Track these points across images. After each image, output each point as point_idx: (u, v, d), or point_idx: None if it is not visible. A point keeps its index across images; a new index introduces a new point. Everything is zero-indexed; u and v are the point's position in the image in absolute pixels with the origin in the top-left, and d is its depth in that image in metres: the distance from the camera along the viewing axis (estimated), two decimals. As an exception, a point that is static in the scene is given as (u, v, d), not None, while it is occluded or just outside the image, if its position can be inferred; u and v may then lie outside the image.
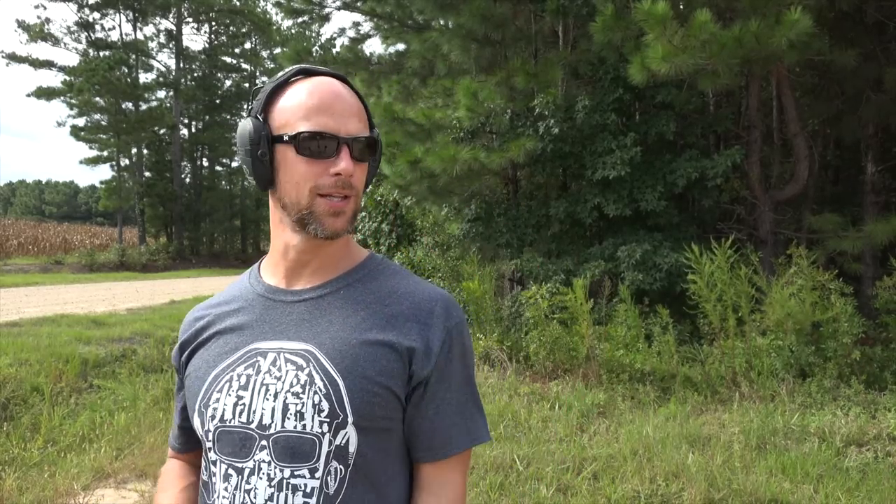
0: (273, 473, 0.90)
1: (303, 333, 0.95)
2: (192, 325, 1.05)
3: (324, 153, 0.91)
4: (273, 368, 0.93)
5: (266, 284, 1.02)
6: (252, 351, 0.96)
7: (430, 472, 0.99)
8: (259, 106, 0.95)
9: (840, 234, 6.79)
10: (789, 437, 4.34)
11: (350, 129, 0.93)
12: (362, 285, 1.00)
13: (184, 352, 1.04)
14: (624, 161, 7.11)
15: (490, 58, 8.76)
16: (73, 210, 74.68)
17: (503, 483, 3.75)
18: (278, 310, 0.99)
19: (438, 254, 9.92)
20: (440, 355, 0.95)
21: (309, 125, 0.91)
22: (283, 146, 0.93)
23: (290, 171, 0.93)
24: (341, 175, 0.91)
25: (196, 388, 0.97)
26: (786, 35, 5.14)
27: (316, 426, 0.90)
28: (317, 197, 0.92)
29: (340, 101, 0.94)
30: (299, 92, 0.94)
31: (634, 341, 6.32)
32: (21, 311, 10.02)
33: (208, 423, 0.94)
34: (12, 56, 27.51)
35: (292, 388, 0.91)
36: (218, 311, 1.04)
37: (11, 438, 4.41)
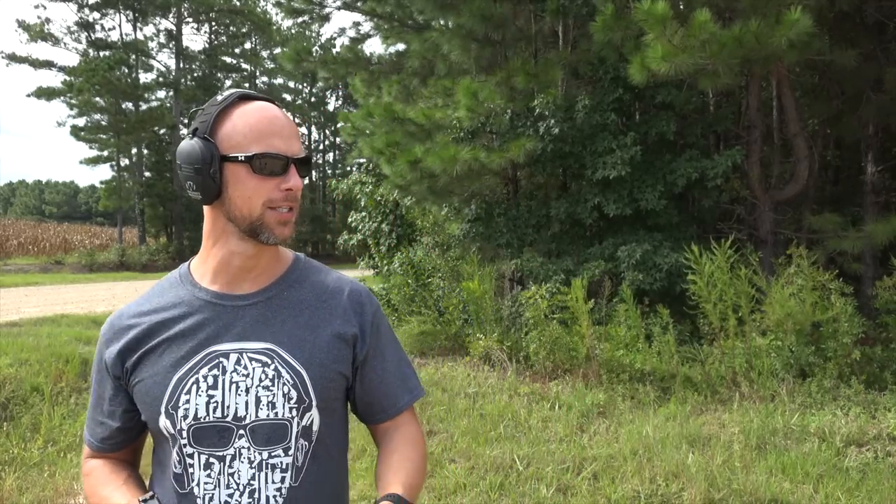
0: (253, 457, 1.05)
1: (261, 334, 1.08)
2: (126, 333, 1.10)
3: (275, 171, 1.04)
4: (239, 367, 1.06)
5: (210, 290, 1.11)
6: (212, 353, 1.06)
7: (388, 427, 1.21)
8: (205, 128, 1.05)
9: (840, 234, 6.79)
10: (789, 437, 4.34)
11: (295, 150, 1.07)
12: (299, 285, 1.15)
13: (126, 359, 1.09)
14: (624, 161, 7.11)
15: (490, 58, 8.76)
16: (73, 210, 74.67)
17: (503, 483, 3.75)
18: (230, 314, 1.09)
19: (438, 254, 9.92)
20: (372, 335, 1.17)
21: (261, 147, 1.04)
22: (233, 165, 1.04)
23: (241, 187, 1.04)
24: (292, 190, 1.05)
25: (157, 393, 1.05)
26: (786, 35, 5.14)
27: (286, 412, 1.07)
28: (267, 209, 1.05)
29: (285, 125, 1.08)
30: (247, 116, 1.06)
31: (634, 341, 6.32)
32: (21, 311, 10.02)
33: (180, 422, 1.04)
34: (12, 56, 27.52)
35: (262, 383, 1.06)
36: (156, 318, 1.10)
37: (11, 438, 4.41)
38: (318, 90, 43.38)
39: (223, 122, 1.06)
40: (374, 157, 8.72)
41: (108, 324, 1.13)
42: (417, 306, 8.51)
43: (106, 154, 29.56)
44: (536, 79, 7.70)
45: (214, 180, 1.04)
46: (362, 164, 13.46)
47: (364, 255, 13.14)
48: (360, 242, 12.95)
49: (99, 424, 1.16)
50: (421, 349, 7.56)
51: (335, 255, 33.35)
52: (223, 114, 1.07)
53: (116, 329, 1.11)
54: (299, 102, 42.76)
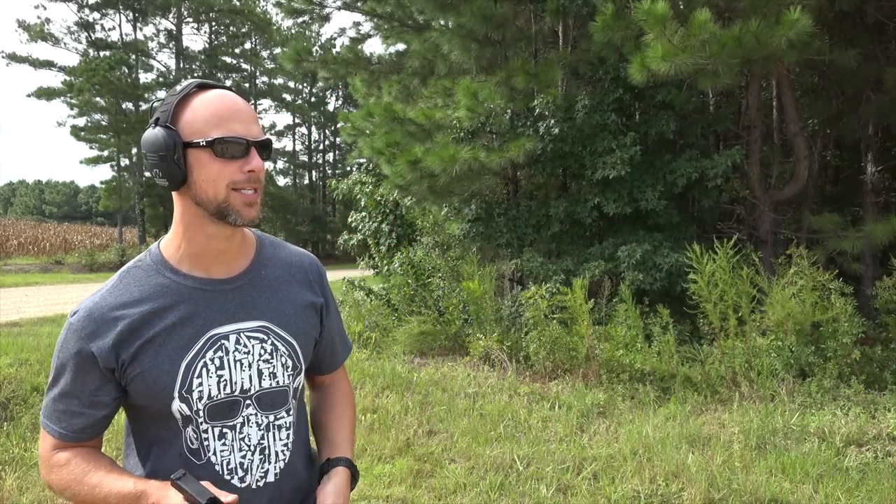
0: (260, 421, 1.20)
1: (252, 313, 1.19)
2: (115, 325, 1.11)
3: (237, 154, 1.09)
4: (239, 346, 1.17)
5: (195, 277, 1.17)
6: (213, 336, 1.15)
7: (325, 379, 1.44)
8: (166, 117, 1.10)
9: (840, 234, 6.79)
10: (789, 437, 4.34)
11: (254, 133, 1.12)
12: (270, 263, 1.26)
13: (122, 351, 1.11)
14: (624, 161, 7.11)
15: (490, 58, 8.76)
16: (73, 210, 74.65)
17: (503, 483, 3.76)
18: (220, 298, 1.17)
19: (438, 254, 9.92)
20: (326, 300, 1.34)
21: (221, 132, 1.08)
22: (196, 150, 1.09)
23: (205, 171, 1.09)
24: (254, 171, 1.11)
25: (167, 380, 1.12)
26: (786, 35, 5.14)
27: (285, 380, 1.23)
28: (232, 191, 1.10)
29: (244, 110, 1.12)
30: (206, 103, 1.11)
31: (634, 341, 6.32)
32: (21, 311, 10.02)
33: (196, 403, 1.13)
34: (12, 56, 27.52)
35: (262, 357, 1.19)
36: (145, 308, 1.13)
37: (11, 438, 4.41)
38: (318, 90, 43.38)
39: (183, 110, 1.10)
40: (374, 157, 8.72)
41: (86, 317, 1.11)
42: (417, 306, 8.50)
43: (106, 154, 29.55)
44: (536, 79, 7.70)
45: (179, 166, 1.09)
46: (362, 164, 13.46)
47: (364, 255, 13.14)
48: (360, 242, 12.96)
49: (76, 416, 1.15)
50: (421, 349, 7.56)
51: (335, 255, 33.36)
52: (183, 102, 1.11)
53: (101, 322, 1.11)
54: (299, 102, 42.75)
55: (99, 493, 1.10)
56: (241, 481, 1.18)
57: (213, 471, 1.16)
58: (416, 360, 7.28)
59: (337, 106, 43.70)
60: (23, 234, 29.58)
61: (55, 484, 1.16)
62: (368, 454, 4.23)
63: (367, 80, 10.88)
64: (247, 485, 1.18)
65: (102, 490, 1.10)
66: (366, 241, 12.70)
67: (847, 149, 8.77)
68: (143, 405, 1.15)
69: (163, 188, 1.13)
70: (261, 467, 1.20)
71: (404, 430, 4.68)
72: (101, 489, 1.10)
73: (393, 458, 4.22)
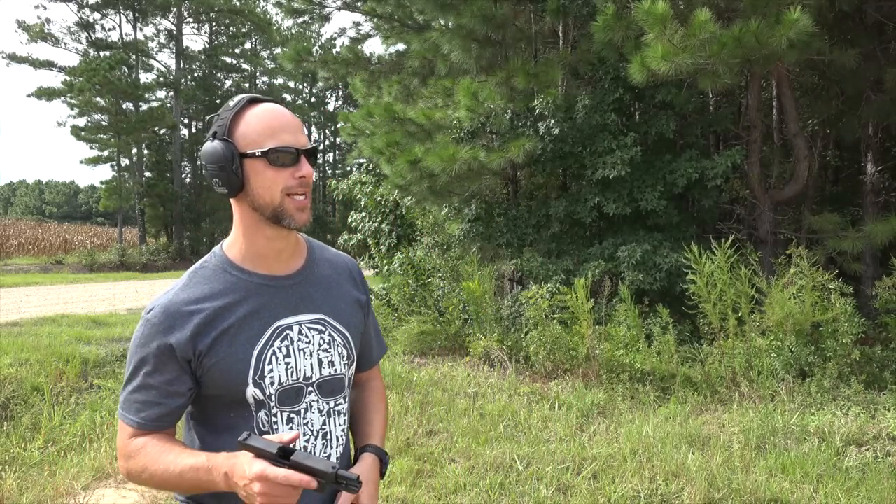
0: (322, 407, 1.31)
1: (311, 306, 1.31)
2: (191, 320, 1.21)
3: (288, 162, 1.21)
4: (301, 336, 1.29)
5: (259, 274, 1.28)
6: (279, 327, 1.26)
7: (366, 375, 1.54)
8: (223, 130, 1.22)
9: (840, 234, 6.79)
10: (789, 437, 4.34)
11: (303, 142, 1.23)
12: (320, 262, 1.39)
13: (199, 343, 1.21)
14: (624, 161, 7.11)
15: (490, 58, 8.76)
16: (73, 210, 74.62)
17: (503, 483, 3.76)
18: (282, 293, 1.29)
19: (438, 254, 9.91)
20: (369, 300, 1.47)
21: (275, 142, 1.20)
22: (252, 160, 1.21)
23: (261, 178, 1.21)
24: (305, 177, 1.22)
25: (241, 368, 1.22)
26: (786, 35, 5.14)
27: (342, 368, 1.35)
28: (286, 196, 1.21)
29: (293, 122, 1.24)
30: (258, 116, 1.22)
31: (634, 341, 6.32)
32: (21, 311, 10.02)
33: (268, 388, 1.24)
34: (12, 56, 27.51)
35: (321, 347, 1.31)
36: (217, 304, 1.23)
37: (12, 438, 4.41)
38: (318, 90, 43.38)
39: (238, 124, 1.23)
40: (374, 157, 8.72)
41: (163, 313, 1.21)
42: (417, 306, 8.50)
43: (106, 154, 29.52)
44: (536, 79, 7.69)
45: (237, 175, 1.21)
46: (362, 164, 13.46)
47: (364, 255, 13.14)
48: (360, 242, 12.94)
49: (153, 406, 1.22)
50: (421, 349, 7.56)
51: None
52: (237, 117, 1.23)
53: (177, 317, 1.21)
54: (299, 102, 42.74)
55: (174, 469, 1.16)
56: None
57: None
58: (416, 360, 7.28)
59: (337, 106, 43.71)
60: (23, 234, 29.58)
61: (133, 469, 1.21)
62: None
63: (367, 80, 10.88)
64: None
65: (177, 466, 1.16)
66: (366, 241, 12.69)
67: (847, 149, 8.77)
68: (217, 394, 1.24)
69: (222, 195, 1.24)
70: (323, 452, 1.30)
71: (404, 430, 4.68)
72: (176, 465, 1.16)
73: (393, 457, 4.22)
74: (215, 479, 1.12)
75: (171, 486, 1.19)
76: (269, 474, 1.03)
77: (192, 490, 1.19)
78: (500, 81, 7.68)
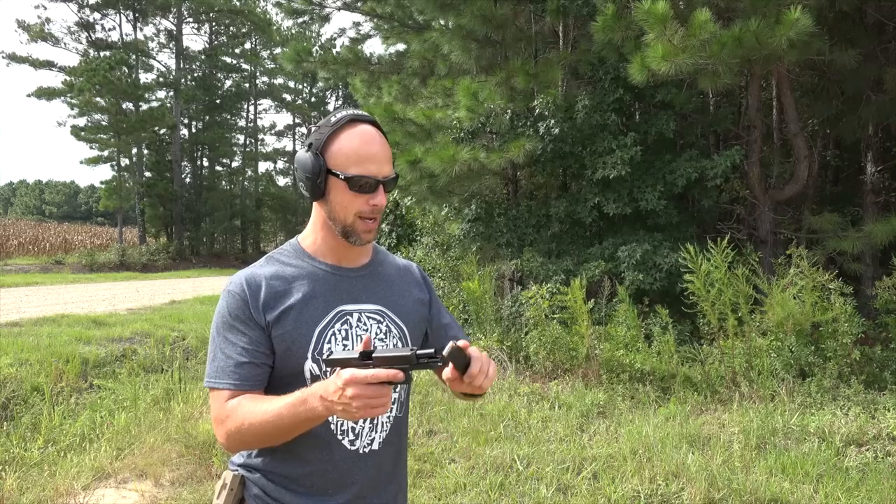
0: None
1: (372, 298, 1.40)
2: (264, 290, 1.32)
3: (366, 190, 1.31)
4: (360, 323, 1.37)
5: (328, 264, 1.39)
6: (340, 312, 1.35)
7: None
8: (319, 145, 1.31)
9: (840, 234, 6.79)
10: (789, 437, 4.35)
11: (385, 173, 1.33)
12: (385, 263, 1.49)
13: (268, 313, 1.30)
14: (624, 161, 7.11)
15: (490, 58, 8.76)
16: (73, 210, 74.60)
17: (503, 483, 3.76)
18: (346, 282, 1.39)
19: (438, 254, 9.91)
20: (433, 297, 1.56)
21: (358, 170, 1.30)
22: (335, 179, 1.31)
23: (339, 197, 1.32)
24: (378, 206, 1.32)
25: (304, 342, 1.30)
26: (786, 34, 5.14)
27: None
28: (358, 219, 1.32)
29: (381, 150, 1.33)
30: (351, 140, 1.31)
31: (634, 341, 6.32)
32: (21, 311, 10.02)
33: (324, 365, 1.28)
34: (12, 56, 27.50)
35: (378, 336, 1.38)
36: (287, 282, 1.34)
37: (12, 438, 4.41)
38: (318, 90, 43.36)
39: (332, 142, 1.32)
40: (374, 157, 8.70)
41: (242, 283, 1.32)
42: (417, 306, 8.50)
43: (106, 154, 29.50)
44: (536, 79, 7.70)
45: (320, 187, 1.32)
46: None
47: (364, 255, 13.13)
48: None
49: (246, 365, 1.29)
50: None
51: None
52: (334, 135, 1.32)
53: (255, 286, 1.31)
54: (299, 102, 42.73)
55: (271, 411, 1.20)
56: (352, 444, 1.33)
57: (329, 430, 1.31)
58: (416, 360, 7.28)
59: (337, 106, 43.68)
60: (23, 234, 29.57)
61: (231, 429, 1.25)
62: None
63: (367, 80, 10.88)
64: (356, 448, 1.34)
65: (274, 408, 1.20)
66: (366, 241, 12.67)
67: (847, 149, 8.76)
68: (279, 366, 1.31)
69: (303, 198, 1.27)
70: (368, 435, 1.35)
71: (404, 430, 4.68)
72: (272, 408, 1.20)
73: (393, 458, 4.21)
74: (312, 404, 1.15)
75: (270, 431, 1.22)
76: (358, 375, 1.07)
77: (293, 428, 1.21)
78: (500, 81, 7.68)
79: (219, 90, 37.18)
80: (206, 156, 36.98)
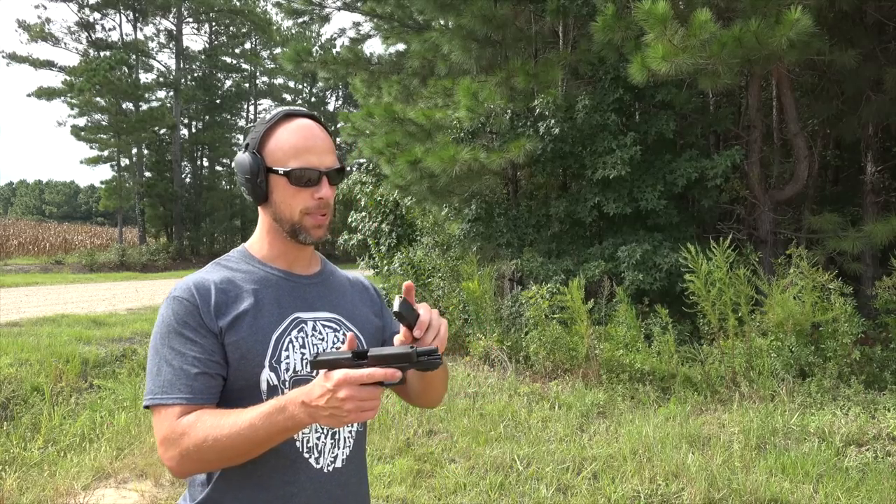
0: None
1: (327, 306, 1.34)
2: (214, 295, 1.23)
3: (309, 183, 1.24)
4: (315, 332, 1.30)
5: (280, 269, 1.33)
6: (296, 319, 1.29)
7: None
8: (255, 144, 1.27)
9: (840, 234, 6.79)
10: (789, 437, 4.35)
11: (327, 163, 1.26)
12: (336, 273, 1.44)
13: (220, 319, 1.22)
14: (624, 161, 7.11)
15: (490, 58, 8.76)
16: (73, 210, 74.58)
17: (503, 483, 3.76)
18: (300, 289, 1.33)
19: (438, 254, 9.91)
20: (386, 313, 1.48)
21: (298, 163, 1.24)
22: (276, 176, 1.25)
23: (282, 194, 1.26)
24: (323, 199, 1.25)
25: (261, 349, 1.22)
26: (786, 34, 5.14)
27: None
28: (304, 215, 1.26)
29: (320, 141, 1.27)
30: (288, 134, 1.26)
31: (634, 341, 6.32)
32: (21, 311, 10.02)
33: (283, 374, 1.23)
34: (13, 56, 27.49)
35: (334, 345, 1.31)
36: (237, 286, 1.27)
37: (12, 438, 4.41)
38: (318, 90, 43.36)
39: (269, 138, 1.27)
40: (374, 157, 8.72)
41: (187, 288, 1.22)
42: (417, 306, 8.49)
43: (106, 154, 29.50)
44: (536, 79, 7.69)
45: (262, 188, 1.26)
46: (362, 164, 13.46)
47: (364, 255, 13.14)
48: (360, 242, 12.95)
49: (200, 375, 1.18)
50: (421, 349, 7.55)
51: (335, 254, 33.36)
52: (270, 131, 1.27)
53: (202, 291, 1.23)
54: (299, 102, 42.72)
55: (242, 423, 1.08)
56: (317, 462, 1.26)
57: (294, 447, 1.23)
58: (416, 360, 7.28)
59: (337, 106, 43.69)
60: (23, 234, 29.57)
61: (189, 447, 1.12)
62: (368, 454, 4.23)
63: (367, 80, 10.88)
64: (320, 467, 1.26)
65: (245, 419, 1.08)
66: (366, 241, 12.70)
67: (847, 149, 8.77)
68: (231, 378, 1.21)
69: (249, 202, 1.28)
70: (331, 451, 1.28)
71: (404, 430, 4.69)
72: (243, 419, 1.09)
73: (393, 457, 4.22)
74: (293, 412, 1.05)
75: (240, 446, 1.09)
76: (352, 375, 0.99)
77: (267, 441, 1.10)
78: (500, 81, 7.68)
79: (219, 90, 37.18)
80: (206, 156, 36.97)
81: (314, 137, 1.26)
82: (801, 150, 7.25)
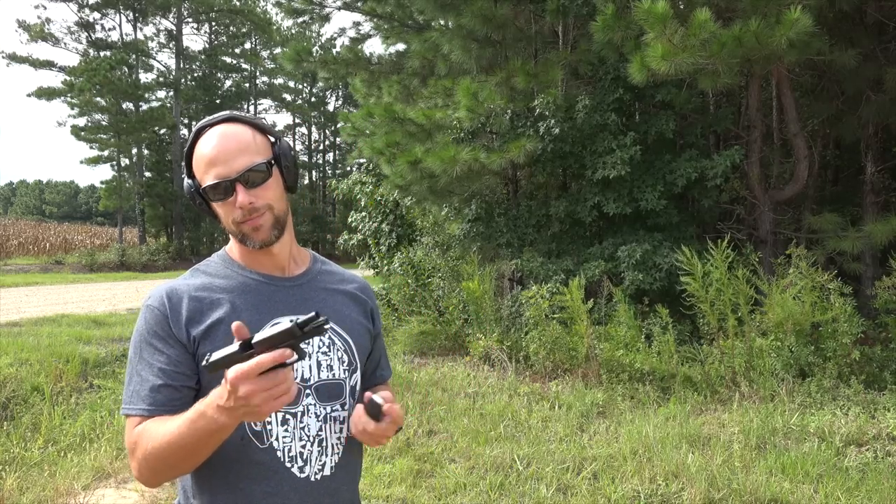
0: (319, 412, 1.26)
1: (311, 309, 1.20)
2: (187, 304, 1.20)
3: (225, 195, 1.19)
4: None
5: (259, 273, 1.28)
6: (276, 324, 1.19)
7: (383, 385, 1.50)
8: (188, 167, 1.25)
9: (840, 234, 6.79)
10: (789, 437, 4.35)
11: (236, 167, 1.18)
12: (326, 273, 1.39)
13: (192, 329, 1.19)
14: (624, 161, 7.11)
15: (490, 58, 8.76)
16: (73, 210, 74.58)
17: (503, 483, 3.76)
18: (282, 293, 1.28)
19: (438, 254, 9.91)
20: (377, 320, 1.45)
21: (210, 178, 1.19)
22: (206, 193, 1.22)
23: (217, 209, 1.23)
24: (244, 206, 1.19)
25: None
26: (786, 34, 5.14)
27: (341, 373, 1.30)
28: (238, 224, 1.21)
29: (227, 147, 1.19)
30: (200, 150, 1.22)
31: (634, 341, 6.32)
32: (21, 311, 10.02)
33: None
34: (13, 56, 27.50)
35: (321, 349, 1.27)
36: (214, 293, 1.23)
37: (12, 438, 4.41)
38: (318, 90, 43.37)
39: (192, 157, 1.24)
40: (374, 157, 8.72)
41: (160, 297, 1.20)
42: (417, 306, 8.51)
43: (106, 154, 29.53)
44: (536, 79, 7.69)
45: (203, 208, 1.25)
46: (362, 164, 13.46)
47: (364, 254, 13.14)
48: (360, 242, 12.95)
49: (162, 388, 1.16)
50: (421, 349, 7.56)
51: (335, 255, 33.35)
52: (191, 150, 1.24)
53: (175, 300, 1.20)
54: (299, 102, 42.74)
55: (170, 432, 1.08)
56: (301, 471, 1.22)
57: (275, 456, 1.20)
58: (416, 359, 7.29)
59: (337, 106, 43.70)
60: (23, 234, 29.57)
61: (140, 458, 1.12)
62: (368, 454, 4.23)
63: (367, 80, 10.88)
64: (306, 475, 1.23)
65: (174, 428, 1.08)
66: (366, 241, 12.69)
67: (847, 149, 8.76)
68: (205, 388, 1.17)
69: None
70: (319, 459, 1.25)
71: (404, 430, 4.68)
72: (173, 428, 1.08)
73: (393, 458, 4.22)
74: (212, 416, 1.03)
75: (176, 454, 1.09)
76: (242, 370, 0.96)
77: (199, 446, 1.08)
78: (500, 81, 7.68)
79: (219, 90, 37.20)
80: (206, 156, 36.93)
81: (223, 144, 1.20)
82: (800, 150, 7.25)
